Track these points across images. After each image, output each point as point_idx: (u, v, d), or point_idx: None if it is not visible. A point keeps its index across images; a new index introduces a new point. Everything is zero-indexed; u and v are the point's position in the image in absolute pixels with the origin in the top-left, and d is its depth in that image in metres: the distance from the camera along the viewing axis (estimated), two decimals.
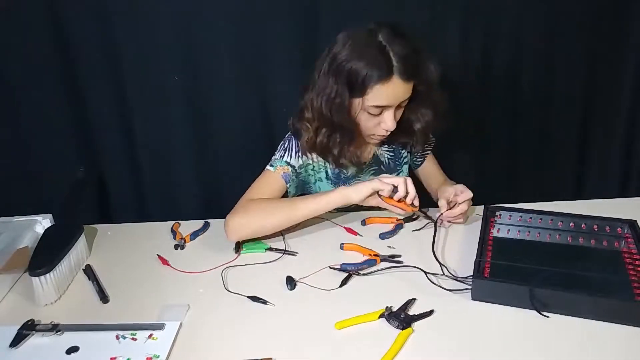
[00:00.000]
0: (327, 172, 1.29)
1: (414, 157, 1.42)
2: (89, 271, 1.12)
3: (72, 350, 0.90)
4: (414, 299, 0.98)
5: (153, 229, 1.31)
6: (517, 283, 0.95)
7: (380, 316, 0.94)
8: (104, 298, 1.04)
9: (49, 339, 0.93)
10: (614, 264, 1.04)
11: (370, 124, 1.18)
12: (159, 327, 0.94)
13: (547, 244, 1.13)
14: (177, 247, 1.21)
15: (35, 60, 1.41)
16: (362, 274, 1.07)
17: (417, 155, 1.42)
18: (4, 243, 1.14)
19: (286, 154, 1.24)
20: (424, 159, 1.43)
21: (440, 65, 1.15)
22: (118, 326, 0.95)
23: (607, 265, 1.05)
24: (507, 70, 1.59)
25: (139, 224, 1.37)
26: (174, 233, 1.25)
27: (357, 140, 1.22)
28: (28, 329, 0.94)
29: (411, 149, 1.37)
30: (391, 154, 1.35)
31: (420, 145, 1.34)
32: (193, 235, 1.24)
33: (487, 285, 0.97)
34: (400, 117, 1.19)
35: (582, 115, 1.67)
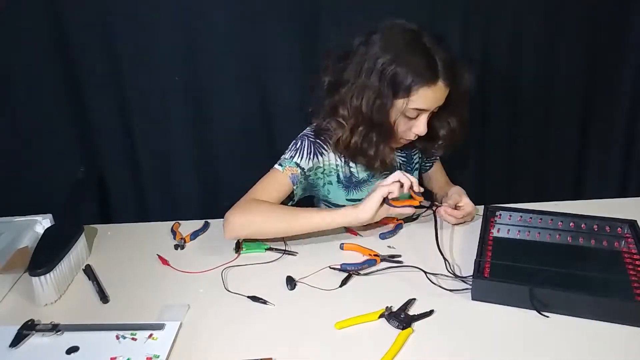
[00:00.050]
0: (338, 176, 1.27)
1: (424, 162, 1.43)
2: (89, 271, 1.12)
3: (72, 350, 0.90)
4: (414, 299, 0.98)
5: (153, 229, 1.31)
6: (517, 283, 0.95)
7: (380, 316, 0.94)
8: (104, 298, 1.04)
9: (49, 339, 0.93)
10: (614, 264, 1.04)
11: (403, 128, 1.18)
12: (159, 327, 0.94)
13: (547, 244, 1.13)
14: (177, 247, 1.21)
15: (35, 60, 1.41)
16: (362, 274, 1.07)
17: (427, 160, 1.44)
18: (4, 243, 1.14)
19: (297, 154, 1.21)
20: (433, 163, 1.46)
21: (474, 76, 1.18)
22: (118, 326, 0.95)
23: (607, 265, 1.05)
24: (507, 70, 1.59)
25: (139, 224, 1.37)
26: (174, 233, 1.25)
27: (390, 143, 1.21)
28: (28, 329, 0.94)
29: (425, 155, 1.38)
30: (403, 159, 1.35)
31: (439, 152, 1.34)
32: (193, 235, 1.25)
33: (487, 285, 0.97)
34: (427, 124, 1.18)
35: (582, 115, 1.67)
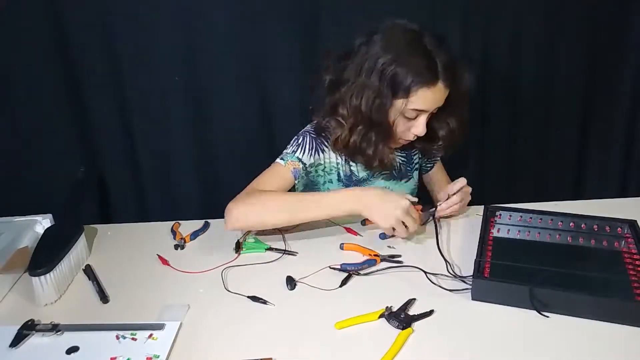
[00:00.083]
0: (339, 174, 1.27)
1: (425, 162, 1.43)
2: (89, 271, 1.12)
3: (72, 350, 0.90)
4: (414, 299, 0.98)
5: (153, 229, 1.31)
6: (517, 283, 0.95)
7: (380, 316, 0.94)
8: (104, 298, 1.04)
9: (49, 339, 0.93)
10: (614, 264, 1.04)
11: (402, 128, 1.19)
12: (159, 327, 0.94)
13: (547, 244, 1.13)
14: (177, 247, 1.21)
15: (35, 60, 1.41)
16: (362, 274, 1.07)
17: (428, 161, 1.44)
18: (4, 243, 1.14)
19: (299, 149, 1.22)
20: (434, 164, 1.45)
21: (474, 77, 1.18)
22: (118, 326, 0.95)
23: (607, 265, 1.05)
24: (507, 70, 1.59)
25: (139, 224, 1.37)
26: (174, 233, 1.25)
27: (389, 143, 1.22)
28: (28, 329, 0.94)
29: (426, 155, 1.38)
30: (403, 159, 1.35)
31: (440, 153, 1.35)
32: (193, 235, 1.25)
33: (487, 285, 0.97)
34: (427, 124, 1.19)
35: (582, 115, 1.67)
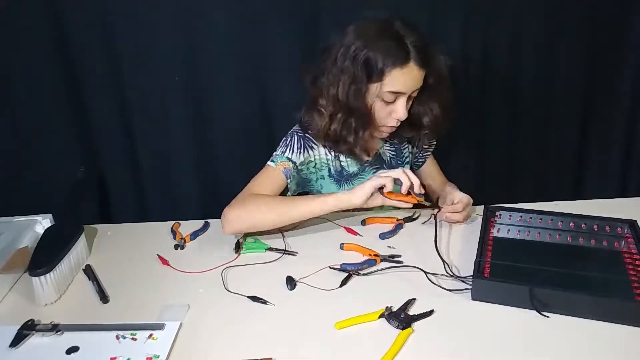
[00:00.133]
0: (329, 170, 1.29)
1: (416, 156, 1.43)
2: (89, 271, 1.12)
3: (72, 350, 0.90)
4: (414, 299, 0.98)
5: (153, 229, 1.31)
6: (517, 283, 0.95)
7: (380, 316, 0.94)
8: (104, 298, 1.04)
9: (49, 339, 0.93)
10: (614, 264, 1.04)
11: (383, 114, 1.20)
12: (159, 327, 0.94)
13: (547, 244, 1.13)
14: (177, 247, 1.21)
15: (35, 60, 1.41)
16: (362, 274, 1.07)
17: (419, 156, 1.43)
18: (4, 243, 1.14)
19: (288, 149, 1.24)
20: (425, 159, 1.44)
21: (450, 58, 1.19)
22: (118, 326, 0.95)
23: (607, 265, 1.05)
24: (507, 70, 1.59)
25: (139, 224, 1.37)
26: (174, 233, 1.25)
27: (369, 129, 1.22)
28: (28, 329, 0.94)
29: (416, 144, 1.38)
30: (393, 153, 1.35)
31: (426, 140, 1.36)
32: (193, 235, 1.25)
33: (487, 285, 0.97)
34: (409, 111, 1.20)
35: (582, 115, 1.67)
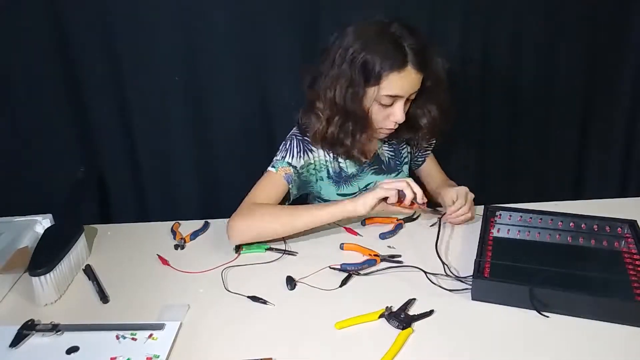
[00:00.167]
0: (328, 171, 1.29)
1: (415, 156, 1.42)
2: (89, 271, 1.12)
3: (72, 350, 0.90)
4: (414, 299, 0.98)
5: (153, 229, 1.31)
6: (517, 283, 0.95)
7: (380, 316, 0.94)
8: (104, 298, 1.04)
9: (49, 339, 0.93)
10: (614, 264, 1.04)
11: (380, 117, 1.19)
12: (159, 327, 0.94)
13: (547, 244, 1.13)
14: (177, 247, 1.21)
15: (35, 60, 1.41)
16: (362, 274, 1.07)
17: (418, 155, 1.43)
18: (4, 243, 1.14)
19: (287, 154, 1.24)
20: (425, 158, 1.44)
21: (447, 61, 1.18)
22: (118, 326, 0.95)
23: (607, 265, 1.05)
24: (507, 70, 1.59)
25: (139, 224, 1.37)
26: (174, 233, 1.25)
27: (367, 132, 1.22)
28: (28, 329, 0.94)
29: (415, 145, 1.38)
30: (391, 154, 1.35)
31: (425, 142, 1.35)
32: (193, 235, 1.25)
33: (487, 285, 0.97)
34: (407, 113, 1.20)
35: (582, 115, 1.67)
